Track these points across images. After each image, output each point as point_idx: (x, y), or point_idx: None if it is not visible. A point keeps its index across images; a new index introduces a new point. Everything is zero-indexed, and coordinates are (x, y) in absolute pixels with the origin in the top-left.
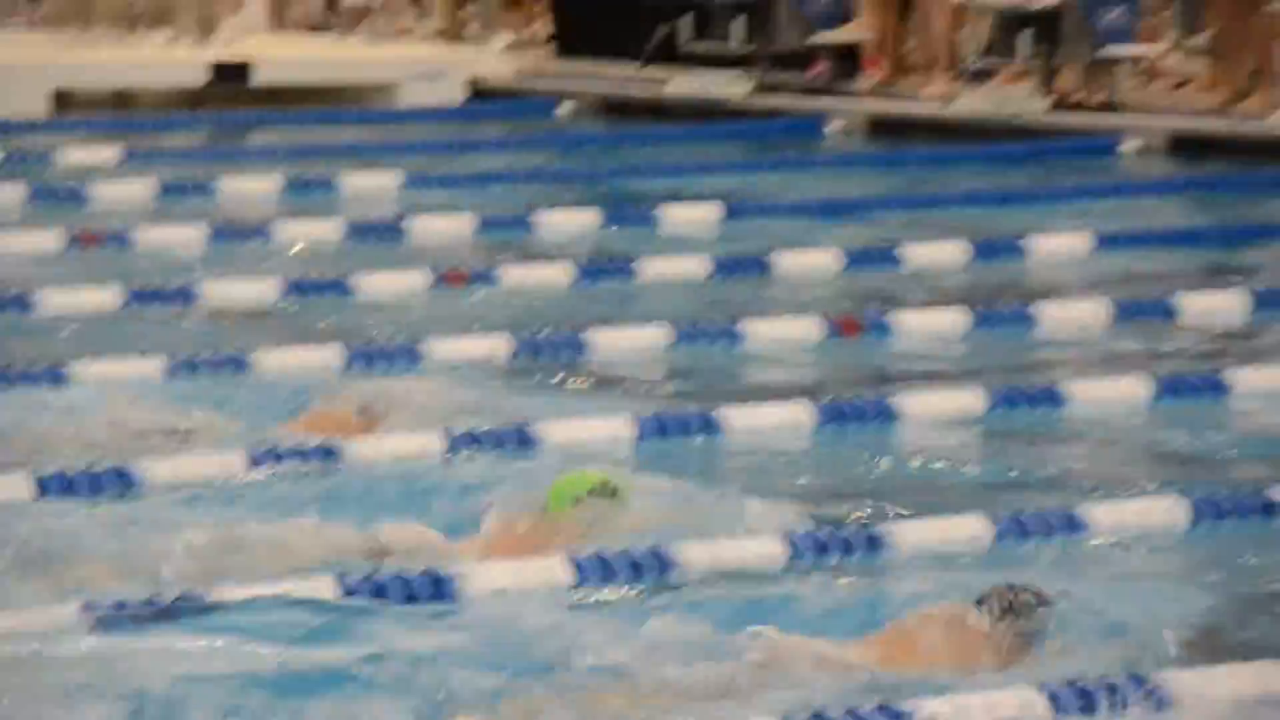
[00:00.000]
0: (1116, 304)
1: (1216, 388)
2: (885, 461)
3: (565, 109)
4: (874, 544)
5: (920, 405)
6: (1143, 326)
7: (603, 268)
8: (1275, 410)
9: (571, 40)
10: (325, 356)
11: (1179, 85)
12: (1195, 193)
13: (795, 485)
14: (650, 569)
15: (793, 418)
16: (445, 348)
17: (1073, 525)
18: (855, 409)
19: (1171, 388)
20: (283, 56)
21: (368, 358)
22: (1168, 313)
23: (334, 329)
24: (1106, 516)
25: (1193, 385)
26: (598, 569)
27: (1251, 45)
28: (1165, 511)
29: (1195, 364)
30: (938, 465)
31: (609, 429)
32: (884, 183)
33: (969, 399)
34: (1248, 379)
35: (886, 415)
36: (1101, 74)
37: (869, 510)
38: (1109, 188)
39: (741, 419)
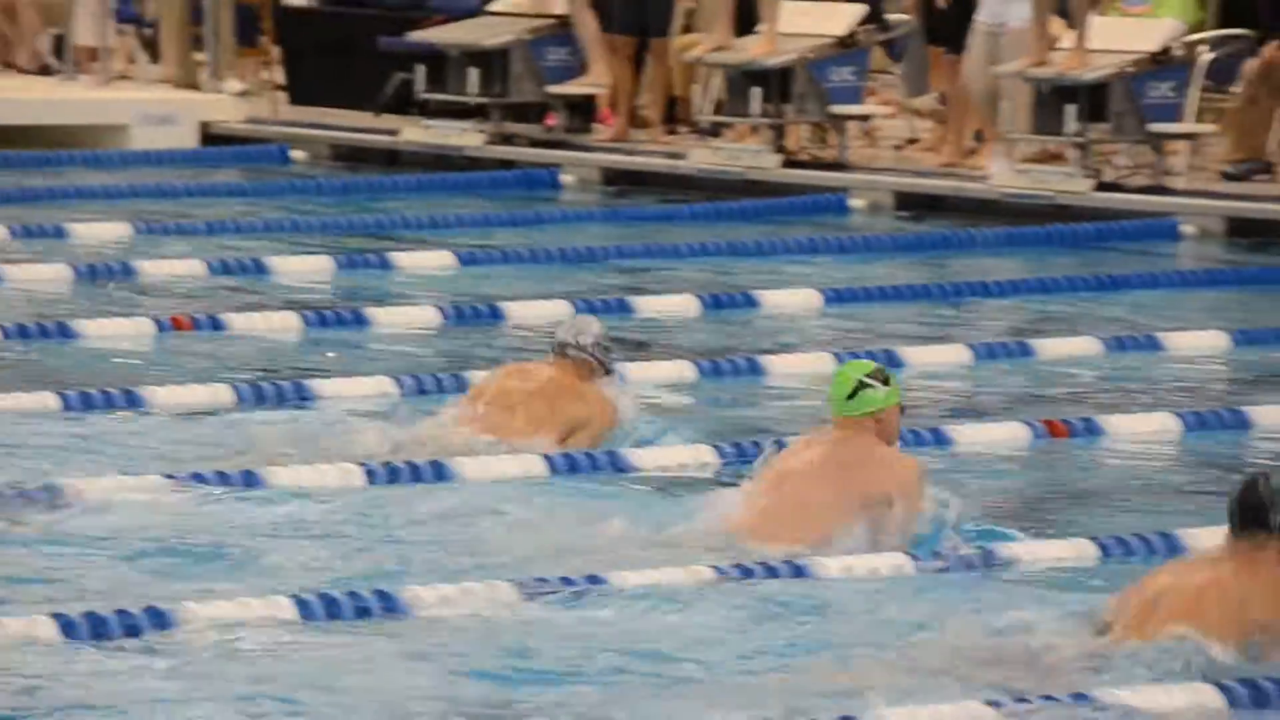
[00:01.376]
0: (840, 359)
1: (940, 440)
2: (616, 520)
3: (299, 156)
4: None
5: (649, 459)
6: None
7: (334, 316)
8: (998, 463)
9: (305, 88)
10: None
11: (906, 145)
12: (921, 250)
13: (528, 541)
14: None
15: (524, 470)
16: (168, 395)
17: (799, 572)
18: (589, 460)
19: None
20: (8, 97)
21: (87, 402)
22: (892, 366)
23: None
24: (834, 567)
25: (916, 439)
26: None
27: (975, 108)
28: (890, 566)
29: (918, 417)
30: (667, 520)
31: (337, 476)
32: (617, 235)
33: (699, 453)
34: (969, 433)
35: (619, 467)
36: (831, 132)
37: (593, 564)
38: (838, 244)
39: (475, 470)
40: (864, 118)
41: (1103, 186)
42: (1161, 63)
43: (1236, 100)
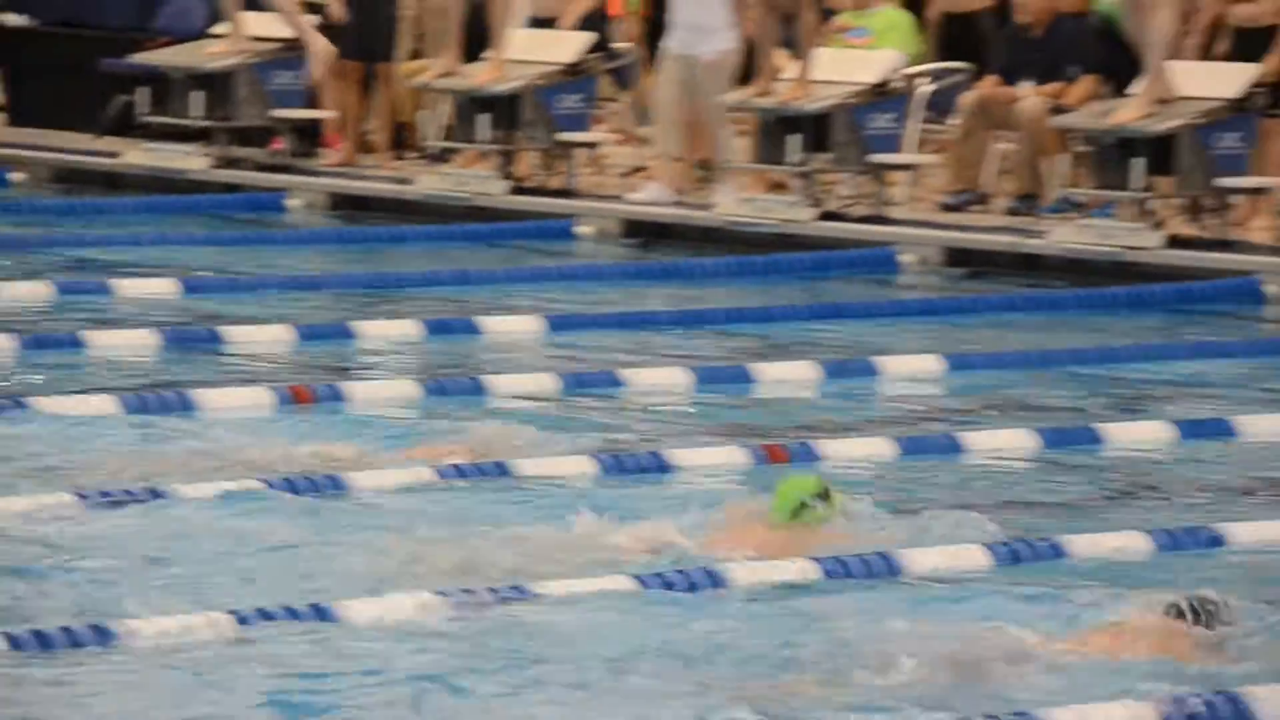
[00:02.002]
0: (564, 380)
1: (661, 466)
2: (339, 553)
3: (18, 178)
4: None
5: (371, 480)
6: (591, 403)
7: (50, 339)
8: (718, 487)
9: (25, 109)
10: None
11: (633, 173)
12: (647, 278)
13: (240, 565)
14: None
15: (245, 489)
16: None
17: (522, 593)
18: (310, 484)
19: (616, 465)
20: None
21: None
22: (613, 386)
23: None
24: (558, 589)
25: (637, 463)
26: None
27: (700, 137)
28: (617, 593)
29: (639, 441)
30: (387, 545)
31: (50, 501)
32: (343, 260)
33: (421, 474)
34: (689, 456)
35: (337, 487)
36: (559, 160)
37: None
38: (564, 270)
39: (194, 493)
40: (591, 145)
41: (825, 216)
42: (882, 94)
43: (954, 132)
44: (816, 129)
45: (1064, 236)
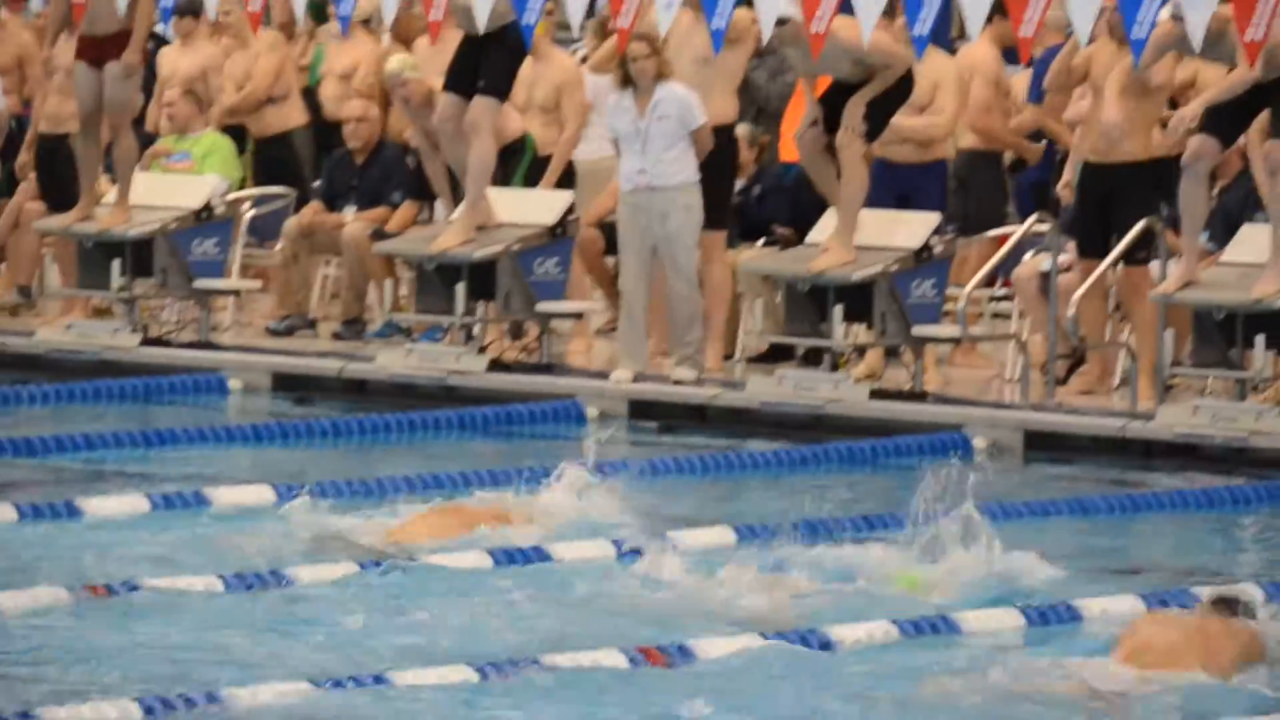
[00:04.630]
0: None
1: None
2: None
3: None
4: None
5: None
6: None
7: None
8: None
9: None
10: None
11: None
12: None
13: None
14: None
15: None
16: None
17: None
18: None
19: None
20: None
21: None
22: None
23: None
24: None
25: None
26: None
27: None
28: None
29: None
30: None
31: None
32: None
33: None
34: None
35: None
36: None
37: None
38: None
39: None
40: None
41: (148, 341)
42: (205, 219)
43: (278, 257)
44: (138, 254)
45: (390, 361)
